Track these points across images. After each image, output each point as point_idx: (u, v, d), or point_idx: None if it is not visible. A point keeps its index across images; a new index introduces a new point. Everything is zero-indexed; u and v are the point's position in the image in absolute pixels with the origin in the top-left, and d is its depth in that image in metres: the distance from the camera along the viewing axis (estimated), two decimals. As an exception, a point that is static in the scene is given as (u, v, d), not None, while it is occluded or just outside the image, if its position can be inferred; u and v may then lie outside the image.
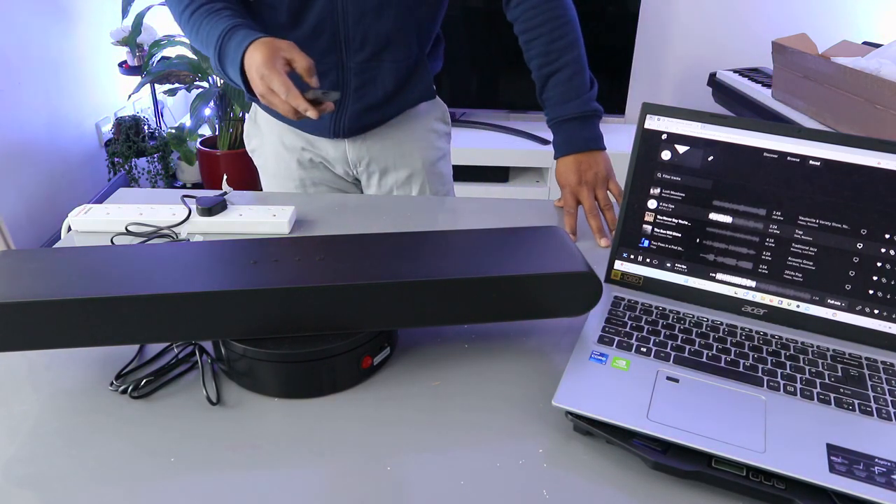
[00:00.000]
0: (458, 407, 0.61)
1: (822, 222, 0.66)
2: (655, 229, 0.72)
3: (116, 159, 2.56)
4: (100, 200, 1.14)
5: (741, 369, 0.61)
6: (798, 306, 0.68)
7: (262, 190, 1.18)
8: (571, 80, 0.98)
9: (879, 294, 0.65)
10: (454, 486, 0.52)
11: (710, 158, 0.69)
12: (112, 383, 0.62)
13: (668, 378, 0.60)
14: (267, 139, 1.14)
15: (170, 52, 2.57)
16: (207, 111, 2.49)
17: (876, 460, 0.51)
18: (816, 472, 0.50)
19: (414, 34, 1.01)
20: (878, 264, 0.65)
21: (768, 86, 2.11)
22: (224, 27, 0.87)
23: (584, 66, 0.99)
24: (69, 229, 0.91)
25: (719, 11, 2.56)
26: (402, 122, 1.11)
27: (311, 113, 0.81)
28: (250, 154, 1.19)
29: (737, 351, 0.63)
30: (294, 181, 1.15)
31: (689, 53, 2.63)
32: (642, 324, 0.67)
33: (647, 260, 0.73)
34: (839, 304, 0.67)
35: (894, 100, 1.50)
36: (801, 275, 0.67)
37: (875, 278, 0.65)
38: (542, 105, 1.02)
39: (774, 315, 0.69)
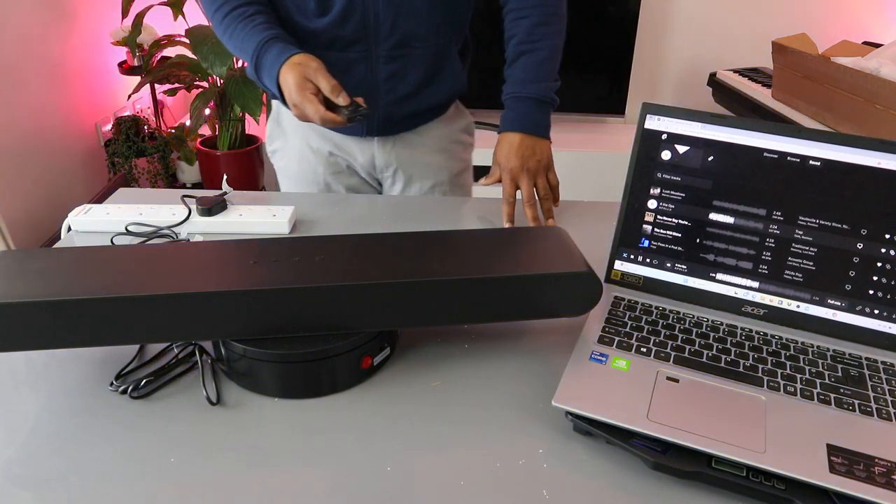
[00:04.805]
0: (458, 407, 0.61)
1: (822, 222, 0.66)
2: (655, 229, 0.72)
3: (116, 159, 2.56)
4: (100, 200, 1.14)
5: (741, 369, 0.61)
6: (798, 306, 0.68)
7: (263, 189, 1.18)
8: (542, 63, 0.98)
9: (879, 294, 0.65)
10: (454, 486, 0.52)
11: (710, 158, 0.69)
12: (112, 383, 0.62)
13: (668, 378, 0.60)
14: (291, 141, 1.12)
15: (170, 52, 2.57)
16: (207, 111, 2.49)
17: (876, 460, 0.51)
18: (816, 473, 0.50)
19: (444, 20, 1.00)
20: (878, 264, 0.65)
21: (768, 86, 2.11)
22: (259, 39, 0.89)
23: (557, 58, 0.99)
24: (69, 229, 0.91)
25: (719, 11, 2.56)
26: (431, 130, 1.11)
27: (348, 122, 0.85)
28: (270, 155, 1.17)
29: (737, 351, 0.63)
30: (319, 185, 1.13)
31: (689, 53, 2.63)
32: (642, 324, 0.67)
33: (647, 260, 0.73)
34: (839, 304, 0.67)
35: (894, 100, 1.50)
36: (801, 275, 0.67)
37: (875, 278, 0.65)
38: (505, 78, 1.01)
39: (774, 315, 0.69)
